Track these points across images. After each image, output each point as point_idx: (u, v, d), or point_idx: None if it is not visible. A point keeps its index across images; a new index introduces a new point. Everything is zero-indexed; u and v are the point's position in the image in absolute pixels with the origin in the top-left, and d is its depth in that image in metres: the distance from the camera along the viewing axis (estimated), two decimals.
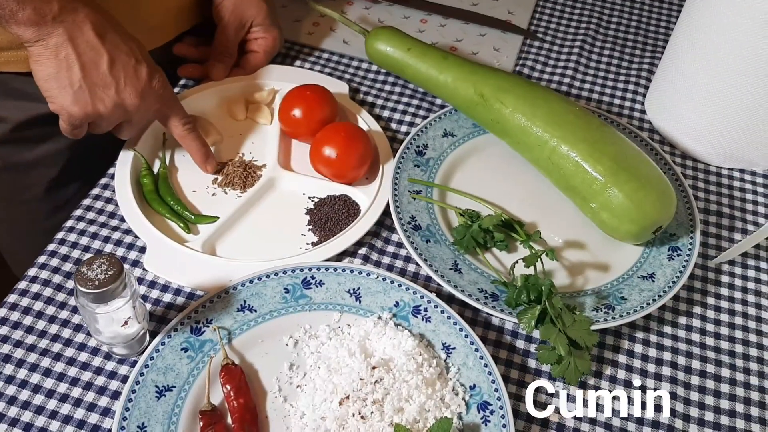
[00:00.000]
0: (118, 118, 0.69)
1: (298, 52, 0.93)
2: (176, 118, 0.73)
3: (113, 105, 0.67)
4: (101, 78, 0.65)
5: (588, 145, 0.71)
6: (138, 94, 0.67)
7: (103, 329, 0.59)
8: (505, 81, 0.77)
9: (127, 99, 0.67)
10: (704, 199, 0.81)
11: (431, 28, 0.98)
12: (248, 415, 0.59)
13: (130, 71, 0.67)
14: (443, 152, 0.80)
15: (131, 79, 0.67)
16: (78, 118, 0.67)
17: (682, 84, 0.82)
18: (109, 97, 0.66)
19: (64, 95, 0.65)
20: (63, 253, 0.71)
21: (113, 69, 0.66)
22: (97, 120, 0.68)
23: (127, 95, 0.67)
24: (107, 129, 0.71)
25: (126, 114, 0.69)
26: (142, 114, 0.70)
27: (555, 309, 0.64)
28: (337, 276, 0.67)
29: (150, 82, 0.68)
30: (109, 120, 0.69)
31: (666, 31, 1.01)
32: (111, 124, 0.70)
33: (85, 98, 0.65)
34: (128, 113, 0.69)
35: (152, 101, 0.70)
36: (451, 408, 0.60)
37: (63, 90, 0.65)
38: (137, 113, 0.69)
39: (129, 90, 0.67)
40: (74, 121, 0.67)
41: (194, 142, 0.75)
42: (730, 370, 0.67)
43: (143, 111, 0.69)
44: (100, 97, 0.66)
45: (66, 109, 0.66)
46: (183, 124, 0.74)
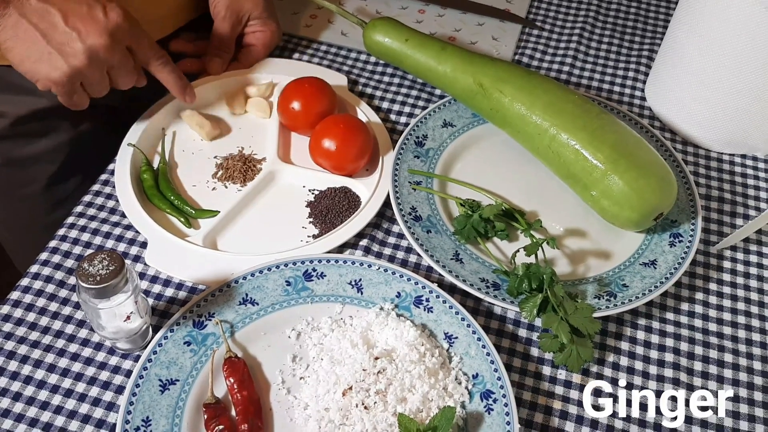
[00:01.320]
0: (99, 67, 0.68)
1: (296, 44, 0.93)
2: (148, 51, 0.72)
3: (84, 54, 0.66)
4: (62, 35, 0.65)
5: (588, 133, 0.71)
6: (101, 32, 0.66)
7: (106, 324, 0.60)
8: (504, 70, 0.77)
9: (95, 42, 0.66)
10: (705, 185, 0.80)
11: (429, 18, 0.98)
12: (252, 407, 0.59)
13: (86, 17, 0.66)
14: (443, 143, 0.80)
15: (89, 22, 0.66)
16: (63, 83, 0.67)
17: (682, 70, 0.82)
18: (78, 49, 0.66)
19: (41, 67, 0.66)
20: (64, 250, 0.71)
21: (69, 22, 0.66)
22: (81, 77, 0.68)
23: (92, 38, 0.66)
24: (101, 85, 0.70)
25: (102, 59, 0.67)
26: (119, 54, 0.69)
27: (557, 297, 0.64)
28: (338, 268, 0.68)
29: (107, 18, 0.67)
30: (93, 72, 0.68)
31: (665, 18, 1.01)
32: (99, 77, 0.69)
33: (58, 61, 0.66)
34: (103, 57, 0.67)
35: (120, 35, 0.68)
36: (455, 397, 0.60)
37: (37, 63, 0.66)
38: (112, 54, 0.68)
39: (92, 33, 0.66)
40: (61, 87, 0.67)
41: (170, 75, 0.75)
42: (732, 355, 0.67)
43: (117, 50, 0.68)
44: (70, 53, 0.66)
45: (49, 79, 0.66)
46: (157, 58, 0.73)
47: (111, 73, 0.70)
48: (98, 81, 0.70)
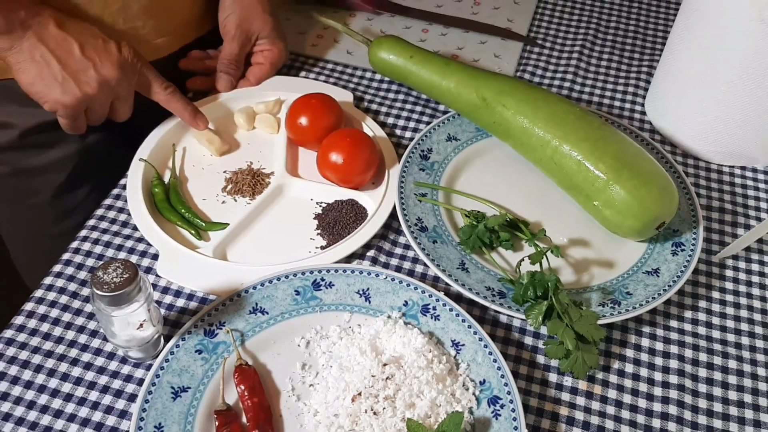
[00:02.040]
0: (107, 97, 0.73)
1: (303, 63, 0.95)
2: (155, 84, 0.77)
3: (97, 83, 0.71)
4: (78, 63, 0.70)
5: (589, 144, 0.73)
6: (115, 66, 0.71)
7: (119, 332, 0.61)
8: (506, 84, 0.79)
9: (108, 73, 0.71)
10: (706, 196, 0.82)
11: (432, 37, 1.00)
12: (262, 413, 0.60)
13: (101, 49, 0.71)
14: (447, 156, 0.82)
15: (104, 55, 0.71)
16: (72, 107, 0.71)
17: (682, 84, 0.84)
18: (91, 77, 0.70)
19: (53, 90, 0.70)
20: (78, 262, 0.72)
21: (85, 52, 0.70)
22: (89, 104, 0.72)
23: (106, 70, 0.71)
24: (102, 113, 0.75)
25: (112, 89, 0.72)
26: (126, 86, 0.74)
27: (562, 304, 0.65)
28: (346, 277, 0.69)
29: (121, 53, 0.72)
30: (100, 100, 0.73)
31: (664, 33, 1.03)
32: (103, 105, 0.74)
33: (71, 86, 0.70)
34: (113, 88, 0.72)
35: (130, 70, 0.73)
36: (462, 403, 0.61)
37: (50, 86, 0.70)
38: (121, 86, 0.73)
39: (106, 65, 0.71)
40: (69, 111, 0.71)
41: (178, 104, 0.78)
42: (737, 362, 0.67)
43: (125, 82, 0.73)
44: (84, 81, 0.70)
45: (59, 102, 0.71)
46: (164, 89, 0.77)
47: (114, 104, 0.75)
48: (102, 109, 0.75)
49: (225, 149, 0.83)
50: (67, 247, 0.74)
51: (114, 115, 0.77)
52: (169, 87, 0.78)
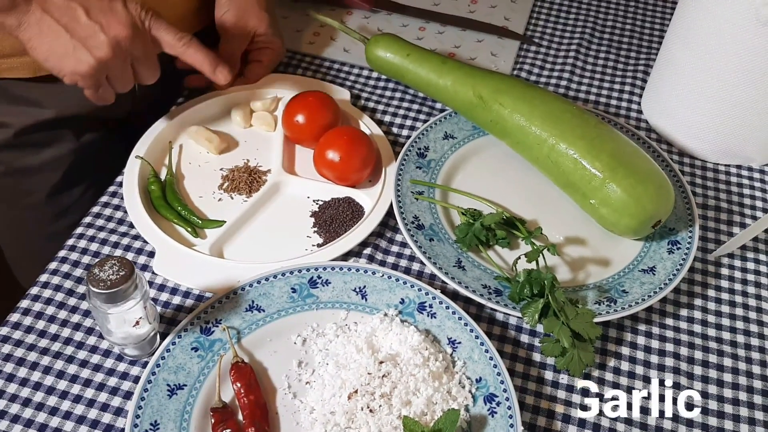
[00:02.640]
0: (123, 59, 0.69)
1: (300, 61, 0.95)
2: (169, 36, 0.72)
3: (108, 46, 0.67)
4: (86, 29, 0.66)
5: (586, 142, 0.73)
6: (124, 25, 0.67)
7: (115, 330, 0.61)
8: (502, 82, 0.79)
9: (119, 33, 0.67)
10: (702, 195, 0.82)
11: (429, 35, 1.00)
12: (259, 411, 0.60)
13: (107, 10, 0.67)
14: (444, 154, 0.82)
15: (110, 15, 0.67)
16: (90, 75, 0.67)
17: (677, 83, 0.84)
18: (101, 41, 0.66)
19: (66, 62, 0.67)
20: (73, 259, 0.72)
21: (91, 15, 0.66)
22: (107, 70, 0.68)
23: (116, 30, 0.67)
24: (124, 77, 0.71)
25: (125, 50, 0.68)
26: (140, 44, 0.69)
27: (558, 302, 0.65)
28: (343, 275, 0.69)
29: (127, 9, 0.68)
30: (116, 64, 0.68)
31: (660, 32, 1.03)
32: (122, 69, 0.70)
33: (83, 54, 0.66)
34: (127, 49, 0.68)
35: (141, 28, 0.69)
36: (458, 400, 0.61)
37: (63, 58, 0.67)
38: (135, 45, 0.69)
39: (114, 25, 0.67)
40: (88, 81, 0.68)
41: (197, 54, 0.73)
42: (732, 360, 0.68)
43: (139, 41, 0.69)
44: (94, 46, 0.66)
45: (75, 73, 0.67)
46: (179, 40, 0.72)
47: (134, 66, 0.71)
48: (122, 73, 0.70)
49: (223, 147, 0.83)
50: (63, 245, 0.73)
51: (138, 79, 0.72)
52: (184, 37, 0.72)
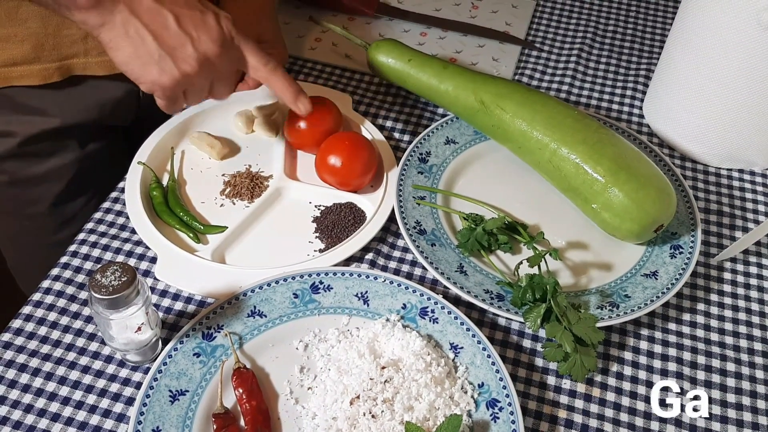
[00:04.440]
0: (206, 76, 0.66)
1: (302, 66, 0.96)
2: (255, 59, 0.69)
3: (197, 61, 0.64)
4: (175, 38, 0.63)
5: (588, 146, 0.73)
6: (215, 40, 0.65)
7: (117, 336, 0.61)
8: (504, 87, 0.79)
9: (208, 49, 0.65)
10: (704, 199, 0.82)
11: (431, 40, 1.01)
12: (261, 416, 0.60)
13: (198, 22, 0.64)
14: (446, 159, 0.82)
15: (202, 29, 0.64)
16: (171, 88, 0.65)
17: (679, 87, 0.84)
18: (190, 54, 0.64)
19: (150, 70, 0.64)
20: (75, 265, 0.72)
21: (182, 25, 0.63)
22: (188, 84, 0.66)
23: (206, 46, 0.64)
24: (201, 94, 0.69)
25: (212, 67, 0.66)
26: (227, 63, 0.67)
27: (560, 307, 0.65)
28: (344, 280, 0.69)
29: (220, 26, 0.66)
30: (200, 80, 0.66)
31: (661, 37, 1.03)
32: (203, 86, 0.68)
33: (169, 66, 0.64)
34: (213, 65, 0.66)
35: (230, 44, 0.67)
36: (461, 406, 0.61)
37: (146, 66, 0.64)
38: (221, 63, 0.66)
39: (205, 39, 0.64)
40: (168, 92, 0.66)
41: (280, 81, 0.71)
42: (735, 365, 0.67)
43: (226, 59, 0.66)
44: (182, 58, 0.64)
45: (157, 83, 0.65)
46: (264, 65, 0.70)
47: (214, 82, 0.69)
48: (202, 89, 0.68)
49: (225, 153, 0.83)
50: (65, 251, 0.74)
51: (213, 95, 0.70)
52: (270, 62, 0.70)
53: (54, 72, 0.77)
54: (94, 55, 0.79)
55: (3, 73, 0.76)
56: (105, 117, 0.85)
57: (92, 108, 0.83)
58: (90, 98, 0.81)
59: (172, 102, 0.68)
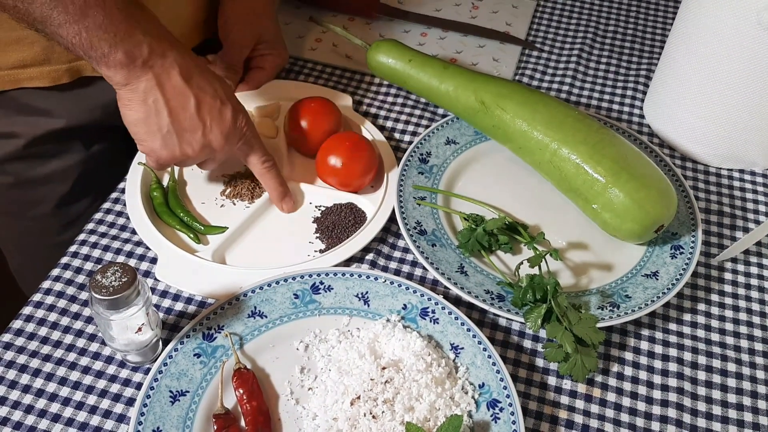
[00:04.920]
0: (203, 158, 0.70)
1: (302, 67, 0.96)
2: (256, 155, 0.73)
3: (200, 147, 0.68)
4: (189, 122, 0.66)
5: (588, 147, 0.73)
6: (224, 134, 0.68)
7: (118, 336, 0.61)
8: (504, 87, 0.79)
9: (214, 140, 0.68)
10: (705, 199, 0.82)
11: (431, 41, 1.01)
12: (261, 417, 0.60)
13: (216, 113, 0.67)
14: (446, 159, 0.82)
15: (217, 121, 0.67)
16: (166, 161, 0.68)
17: (679, 87, 0.84)
18: (196, 140, 0.67)
19: (153, 140, 0.66)
20: (76, 266, 0.72)
21: (200, 112, 0.66)
22: (182, 162, 0.70)
23: (214, 137, 0.68)
24: (189, 166, 0.74)
25: (211, 153, 0.70)
26: (226, 152, 0.71)
27: (561, 307, 0.65)
28: (345, 281, 0.69)
29: (234, 122, 0.69)
30: (194, 161, 0.70)
31: (662, 37, 1.03)
32: (196, 162, 0.71)
33: (173, 143, 0.67)
34: (214, 152, 0.70)
35: (235, 140, 0.70)
36: (461, 406, 0.61)
37: (152, 135, 0.66)
38: (221, 153, 0.70)
39: (215, 132, 0.68)
40: (162, 163, 0.69)
41: (272, 181, 0.75)
42: (736, 365, 0.67)
43: (227, 149, 0.70)
44: (187, 141, 0.67)
45: (155, 153, 0.68)
46: (262, 162, 0.74)
47: (206, 162, 0.72)
48: (192, 164, 0.72)
49: None
50: (63, 250, 0.74)
51: (201, 167, 0.74)
52: (268, 161, 0.74)
53: (63, 74, 0.78)
54: None
55: (13, 75, 0.76)
56: (109, 117, 0.85)
57: (97, 108, 0.83)
58: (95, 99, 0.81)
59: (158, 167, 0.71)
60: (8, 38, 0.73)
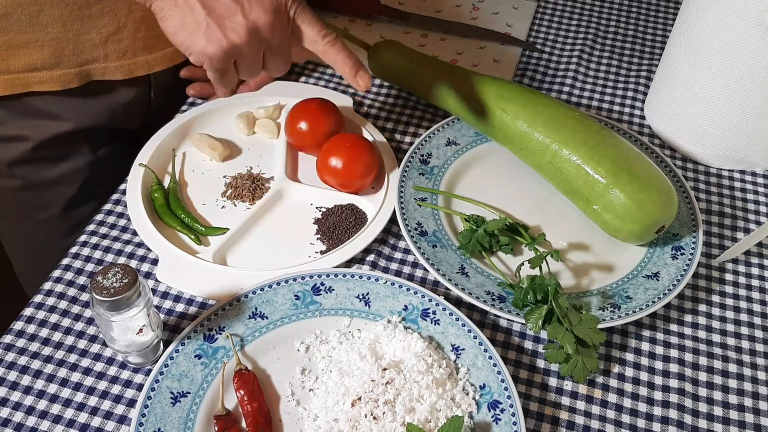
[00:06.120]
0: (257, 46, 0.64)
1: (303, 68, 0.96)
2: (314, 30, 0.67)
3: (246, 30, 0.63)
4: (224, 7, 0.62)
5: (589, 148, 0.73)
6: (267, 9, 0.63)
7: (118, 337, 0.61)
8: (505, 89, 0.79)
9: (259, 18, 0.63)
10: (706, 200, 0.82)
11: (432, 42, 1.01)
12: (262, 418, 0.60)
13: None
14: (447, 160, 0.82)
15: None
16: (218, 58, 0.63)
17: (680, 88, 0.84)
18: (239, 23, 0.62)
19: (197, 39, 0.63)
20: (77, 267, 0.72)
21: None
22: (238, 55, 0.64)
23: (256, 14, 0.63)
24: (254, 66, 0.67)
25: (263, 38, 0.64)
26: (279, 33, 0.65)
27: (561, 308, 0.65)
28: (346, 282, 0.69)
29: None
30: (250, 51, 0.64)
31: (662, 38, 1.03)
32: (254, 57, 0.66)
33: (216, 34, 0.62)
34: (264, 36, 0.64)
35: (283, 14, 0.64)
36: (462, 407, 0.61)
37: (194, 35, 0.63)
38: (273, 33, 0.64)
39: (256, 9, 0.63)
40: (215, 63, 0.64)
41: (339, 54, 0.68)
42: (737, 366, 0.67)
43: (279, 29, 0.64)
44: (231, 28, 0.62)
45: (204, 53, 0.63)
46: (323, 36, 0.67)
47: (266, 55, 0.67)
48: (253, 61, 0.66)
49: (226, 154, 0.83)
50: (66, 252, 0.74)
51: (267, 68, 0.68)
52: (329, 35, 0.67)
53: (73, 77, 0.78)
54: (114, 60, 0.79)
55: (23, 78, 0.76)
56: (116, 120, 0.85)
57: (104, 112, 0.83)
58: (102, 102, 0.81)
59: (221, 74, 0.65)
60: (18, 41, 0.74)
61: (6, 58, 0.74)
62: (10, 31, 0.73)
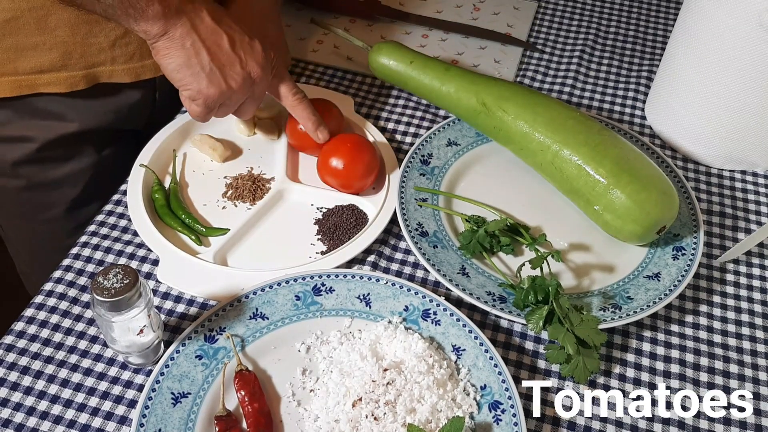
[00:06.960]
0: (245, 94, 0.73)
1: (303, 68, 0.96)
2: (287, 87, 0.77)
3: (242, 79, 0.71)
4: (227, 57, 0.70)
5: (589, 148, 0.73)
6: (259, 65, 0.72)
7: (119, 338, 0.61)
8: (506, 89, 0.79)
9: (253, 71, 0.71)
10: (707, 201, 0.82)
11: (432, 42, 1.01)
12: (263, 419, 0.60)
13: (248, 48, 0.71)
14: (448, 161, 0.82)
15: (250, 54, 0.71)
16: (214, 99, 0.71)
17: (681, 89, 0.84)
18: (237, 72, 0.71)
19: (199, 80, 0.69)
20: (78, 268, 0.72)
21: (234, 48, 0.70)
22: (228, 99, 0.72)
23: (252, 68, 0.71)
24: (232, 109, 0.75)
25: (251, 87, 0.73)
26: (263, 85, 0.74)
27: (562, 309, 0.65)
28: (347, 282, 0.69)
29: (266, 53, 0.73)
30: (238, 97, 0.73)
31: (663, 38, 1.03)
32: (238, 101, 0.74)
33: (218, 78, 0.70)
34: (254, 86, 0.73)
35: (269, 71, 0.74)
36: (463, 408, 0.61)
37: (197, 75, 0.69)
38: (259, 85, 0.73)
39: (252, 63, 0.71)
40: (210, 102, 0.71)
41: (305, 111, 0.77)
42: (738, 366, 0.67)
43: (264, 82, 0.73)
44: (230, 75, 0.70)
45: (203, 92, 0.70)
46: (293, 94, 0.77)
47: (245, 102, 0.75)
48: (235, 105, 0.74)
49: (227, 155, 0.83)
50: (67, 253, 0.74)
51: (240, 113, 0.77)
52: (298, 93, 0.78)
53: (80, 80, 0.78)
54: (121, 63, 0.80)
55: (30, 80, 0.76)
56: (121, 121, 0.85)
57: (109, 113, 0.83)
58: (107, 103, 0.82)
59: (208, 111, 0.72)
60: (26, 43, 0.74)
61: (13, 60, 0.75)
62: (18, 34, 0.73)
